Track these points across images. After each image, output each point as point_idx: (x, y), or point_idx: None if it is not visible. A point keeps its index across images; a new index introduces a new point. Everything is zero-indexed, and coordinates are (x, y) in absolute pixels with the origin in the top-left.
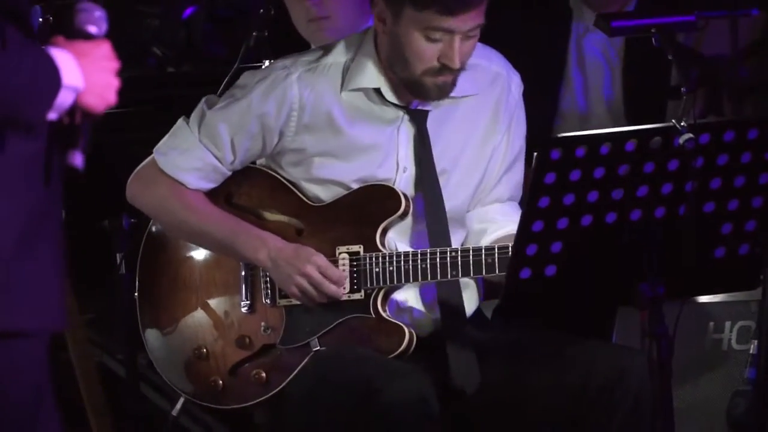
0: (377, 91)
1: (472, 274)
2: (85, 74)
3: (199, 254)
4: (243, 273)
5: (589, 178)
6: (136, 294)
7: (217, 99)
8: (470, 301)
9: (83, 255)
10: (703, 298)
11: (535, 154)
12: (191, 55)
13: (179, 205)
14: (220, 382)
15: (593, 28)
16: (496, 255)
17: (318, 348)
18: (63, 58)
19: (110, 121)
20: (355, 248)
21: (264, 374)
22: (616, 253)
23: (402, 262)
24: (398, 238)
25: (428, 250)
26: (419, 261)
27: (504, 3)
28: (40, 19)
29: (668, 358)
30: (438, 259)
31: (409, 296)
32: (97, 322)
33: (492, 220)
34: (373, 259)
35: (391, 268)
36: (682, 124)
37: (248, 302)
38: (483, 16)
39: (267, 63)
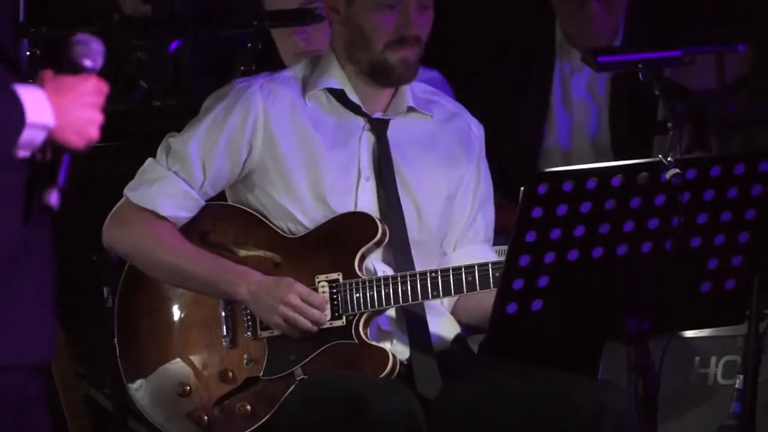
0: (340, 96)
1: (453, 293)
2: (64, 111)
3: (177, 295)
4: (222, 308)
5: (575, 213)
6: (114, 340)
7: (178, 132)
8: (449, 325)
9: (71, 288)
10: (689, 333)
11: (522, 188)
12: (178, 89)
13: (155, 243)
14: (205, 417)
15: (580, 68)
16: (476, 272)
17: (302, 377)
18: (31, 95)
19: (96, 154)
20: (333, 276)
21: (249, 406)
22: (603, 287)
23: (382, 286)
24: (376, 259)
25: (408, 273)
26: (399, 284)
27: (489, 45)
28: (27, 53)
29: (654, 393)
30: (418, 281)
31: (389, 321)
32: (84, 355)
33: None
34: (353, 285)
35: (371, 293)
36: (668, 159)
37: (229, 337)
38: None
39: None
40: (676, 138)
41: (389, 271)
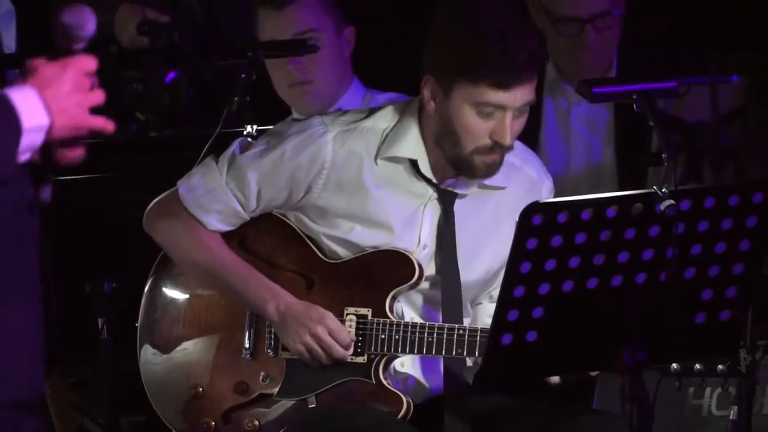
0: (413, 163)
1: (476, 355)
2: (52, 104)
3: (206, 294)
4: (248, 318)
5: (570, 244)
6: (137, 324)
7: (249, 143)
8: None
9: (65, 319)
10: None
11: (517, 219)
12: (174, 120)
13: (194, 243)
14: (213, 424)
15: (578, 101)
16: None
17: (314, 405)
18: (24, 99)
19: (92, 185)
20: (363, 311)
21: (257, 422)
22: (598, 318)
23: (409, 333)
24: (407, 306)
25: (436, 324)
26: (426, 334)
27: None
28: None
29: (648, 423)
30: (445, 335)
31: (406, 363)
32: (79, 386)
33: None
34: (380, 325)
35: (397, 337)
36: (663, 190)
37: (250, 349)
38: (534, 94)
39: (249, 128)
40: (670, 169)
41: (417, 318)
